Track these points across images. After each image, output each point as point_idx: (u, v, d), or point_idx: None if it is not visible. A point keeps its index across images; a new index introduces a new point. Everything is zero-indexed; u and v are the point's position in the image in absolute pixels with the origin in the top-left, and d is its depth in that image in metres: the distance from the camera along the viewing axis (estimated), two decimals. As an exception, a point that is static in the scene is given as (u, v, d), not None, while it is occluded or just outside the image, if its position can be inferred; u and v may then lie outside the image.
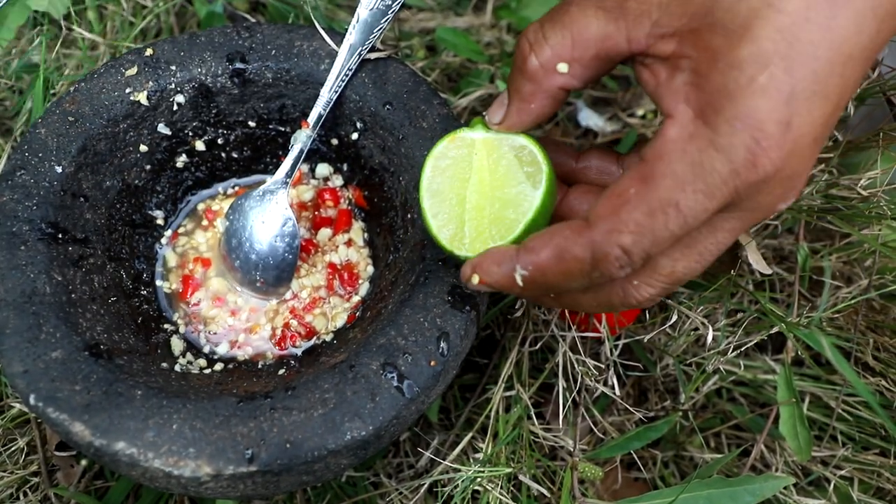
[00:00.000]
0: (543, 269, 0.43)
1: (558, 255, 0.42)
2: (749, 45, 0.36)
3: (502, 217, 0.47)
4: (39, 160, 0.57)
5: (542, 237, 0.43)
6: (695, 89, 0.38)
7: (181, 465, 0.45)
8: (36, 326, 0.50)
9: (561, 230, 0.42)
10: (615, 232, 0.40)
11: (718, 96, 0.37)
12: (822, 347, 0.60)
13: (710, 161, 0.37)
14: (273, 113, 0.65)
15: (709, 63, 0.37)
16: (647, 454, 0.71)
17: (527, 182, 0.47)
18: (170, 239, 0.66)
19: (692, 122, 0.38)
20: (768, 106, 0.36)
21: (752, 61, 0.36)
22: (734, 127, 0.36)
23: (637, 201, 0.39)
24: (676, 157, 0.38)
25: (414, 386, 0.49)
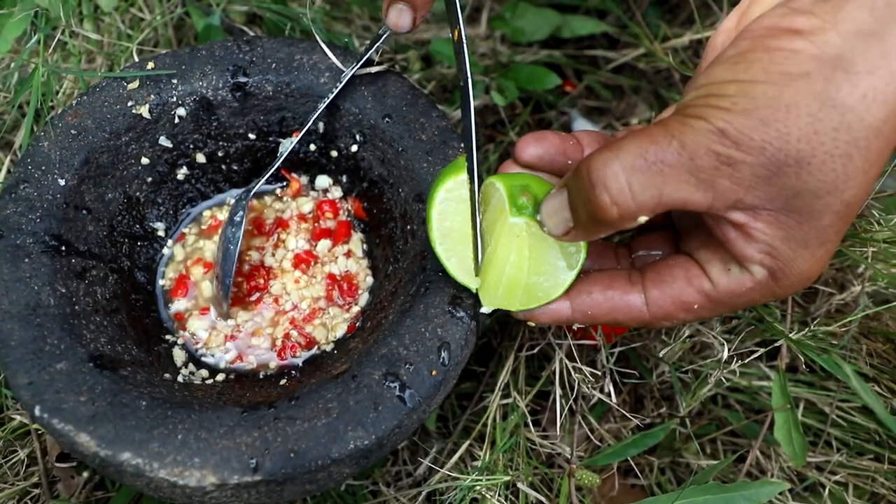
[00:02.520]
0: (598, 324, 0.53)
1: (615, 321, 0.51)
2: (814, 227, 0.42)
3: (536, 284, 0.51)
4: (42, 173, 0.57)
5: (595, 302, 0.51)
6: (769, 257, 0.44)
7: (186, 475, 0.46)
8: (40, 338, 0.51)
9: (616, 298, 0.50)
10: (673, 318, 0.49)
11: (788, 265, 0.44)
12: (843, 372, 0.62)
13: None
14: (273, 125, 0.66)
15: (782, 240, 0.43)
16: (643, 461, 0.72)
17: (563, 260, 0.51)
18: (176, 239, 0.67)
19: (766, 280, 0.45)
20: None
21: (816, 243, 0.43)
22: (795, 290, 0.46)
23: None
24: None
25: (416, 395, 0.50)
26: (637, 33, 0.88)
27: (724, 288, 0.47)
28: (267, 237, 0.67)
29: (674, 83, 0.91)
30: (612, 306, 0.50)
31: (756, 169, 0.40)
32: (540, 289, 0.51)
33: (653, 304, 0.49)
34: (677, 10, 0.96)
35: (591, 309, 0.50)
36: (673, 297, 0.48)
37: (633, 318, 0.50)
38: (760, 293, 0.46)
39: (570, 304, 0.51)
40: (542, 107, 0.90)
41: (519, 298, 0.51)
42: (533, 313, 0.51)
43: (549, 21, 0.88)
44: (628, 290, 0.50)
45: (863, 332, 0.72)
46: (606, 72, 0.91)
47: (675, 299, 0.48)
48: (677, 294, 0.48)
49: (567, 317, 0.51)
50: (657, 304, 0.49)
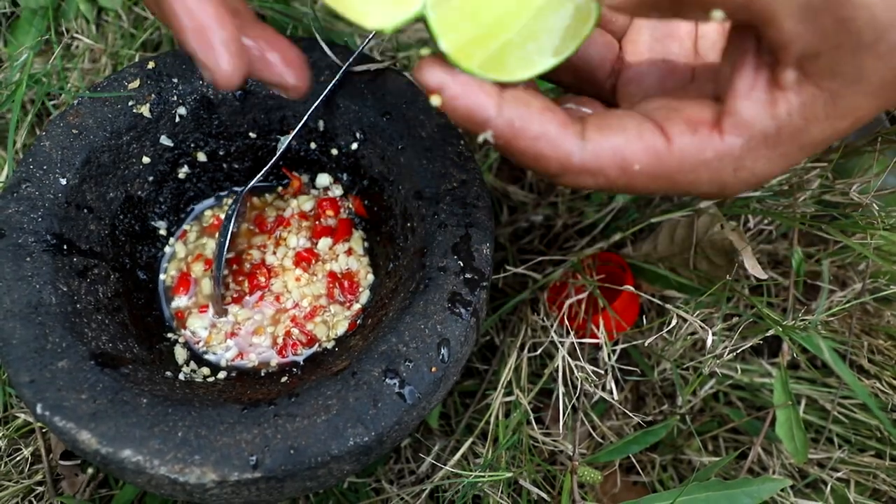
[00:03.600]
0: (516, 151, 0.40)
1: (536, 154, 0.40)
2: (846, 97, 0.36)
3: (516, 46, 0.39)
4: (44, 172, 0.58)
5: (530, 117, 0.39)
6: (767, 120, 0.38)
7: (186, 472, 0.46)
8: (42, 336, 0.51)
9: (552, 125, 0.39)
10: (602, 176, 0.40)
11: (775, 145, 0.38)
12: (821, 351, 0.61)
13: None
14: (274, 124, 0.66)
15: (802, 105, 0.37)
16: (645, 458, 0.72)
17: (559, 37, 0.39)
18: (178, 237, 0.67)
19: (734, 153, 0.39)
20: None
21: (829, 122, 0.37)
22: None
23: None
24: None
25: (415, 392, 0.50)
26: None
27: (679, 148, 0.39)
28: (268, 235, 0.67)
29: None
30: (544, 132, 0.39)
31: None
32: (517, 56, 0.39)
33: (589, 150, 0.39)
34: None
35: (520, 121, 0.39)
36: (615, 148, 0.39)
37: (559, 158, 0.40)
38: (715, 169, 0.39)
39: (497, 103, 0.39)
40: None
41: (486, 54, 0.38)
42: (450, 85, 0.38)
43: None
44: (567, 124, 0.40)
45: (864, 329, 0.72)
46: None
47: (617, 151, 0.39)
48: (621, 146, 0.39)
49: (486, 117, 0.39)
50: (594, 151, 0.39)
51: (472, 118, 0.39)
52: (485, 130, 0.39)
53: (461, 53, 0.38)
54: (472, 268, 0.55)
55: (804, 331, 0.63)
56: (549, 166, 0.40)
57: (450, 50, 0.37)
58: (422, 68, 0.38)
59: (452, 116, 0.39)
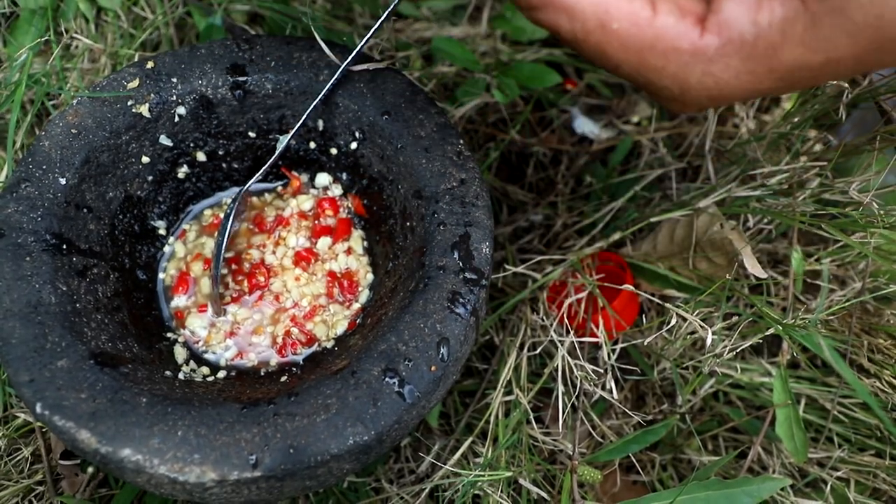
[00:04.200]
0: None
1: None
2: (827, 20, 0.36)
3: None
4: (43, 172, 0.58)
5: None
6: (749, 28, 0.38)
7: (186, 471, 0.46)
8: (42, 336, 0.51)
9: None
10: (579, 22, 0.40)
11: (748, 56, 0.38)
12: (822, 350, 0.61)
13: None
14: (273, 123, 0.66)
15: (784, 18, 0.37)
16: (645, 457, 0.72)
17: None
18: (177, 236, 0.67)
19: (708, 53, 0.39)
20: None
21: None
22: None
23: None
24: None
25: (415, 391, 0.50)
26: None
27: (661, 25, 0.39)
28: (267, 235, 0.67)
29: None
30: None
31: None
32: None
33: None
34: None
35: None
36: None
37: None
38: (684, 63, 0.39)
39: None
40: (543, 105, 0.90)
41: None
42: None
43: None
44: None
45: (864, 328, 0.72)
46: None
47: (601, 2, 0.39)
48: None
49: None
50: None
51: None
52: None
53: None
54: (471, 267, 0.55)
55: (804, 330, 0.63)
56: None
57: None
58: None
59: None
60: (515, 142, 0.86)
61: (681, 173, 0.84)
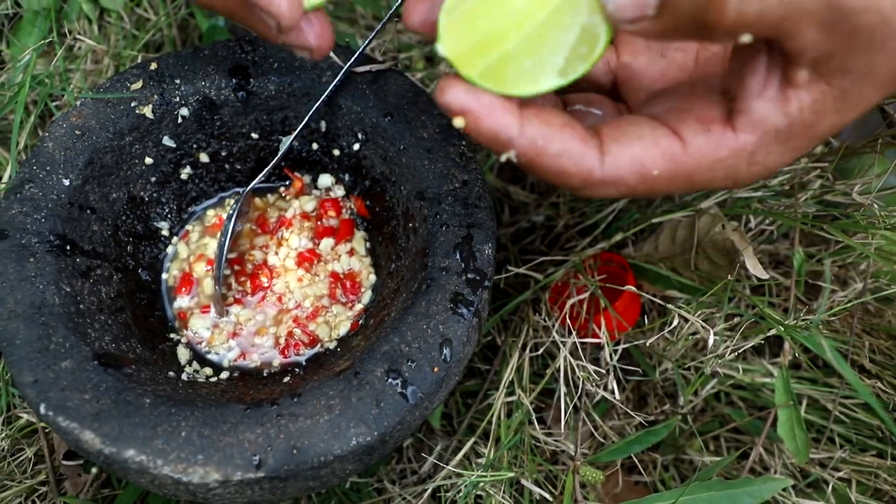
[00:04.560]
0: (539, 168, 0.41)
1: (559, 171, 0.40)
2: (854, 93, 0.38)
3: (518, 58, 0.38)
4: (47, 173, 0.58)
5: (552, 135, 0.40)
6: (779, 116, 0.39)
7: (190, 472, 0.46)
8: (45, 337, 0.51)
9: (573, 141, 0.40)
10: (623, 185, 0.41)
11: (789, 137, 0.39)
12: (823, 350, 0.61)
13: None
14: (276, 125, 0.66)
15: (814, 101, 0.38)
16: (647, 458, 0.72)
17: (564, 55, 0.38)
18: (181, 237, 0.67)
19: (747, 149, 0.40)
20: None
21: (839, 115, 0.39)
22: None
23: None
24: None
25: (418, 392, 0.50)
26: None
27: (695, 150, 0.40)
28: (270, 236, 0.67)
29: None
30: (565, 148, 0.40)
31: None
32: (516, 69, 0.38)
33: (609, 163, 0.40)
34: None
35: (542, 140, 0.39)
36: (633, 158, 0.40)
37: (581, 174, 0.40)
38: (729, 166, 0.40)
39: (519, 123, 0.39)
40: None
41: (485, 63, 0.38)
42: (474, 106, 0.38)
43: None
44: (586, 139, 0.40)
45: (865, 329, 0.73)
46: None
47: (635, 160, 0.40)
48: (639, 155, 0.40)
49: (509, 137, 0.39)
50: (613, 164, 0.40)
51: (496, 139, 0.39)
52: (508, 150, 0.40)
53: (461, 60, 0.38)
54: (473, 268, 0.55)
55: (806, 330, 0.63)
56: (572, 181, 0.41)
57: (448, 54, 0.38)
58: (444, 90, 0.38)
59: (476, 137, 0.40)
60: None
61: (682, 174, 0.84)
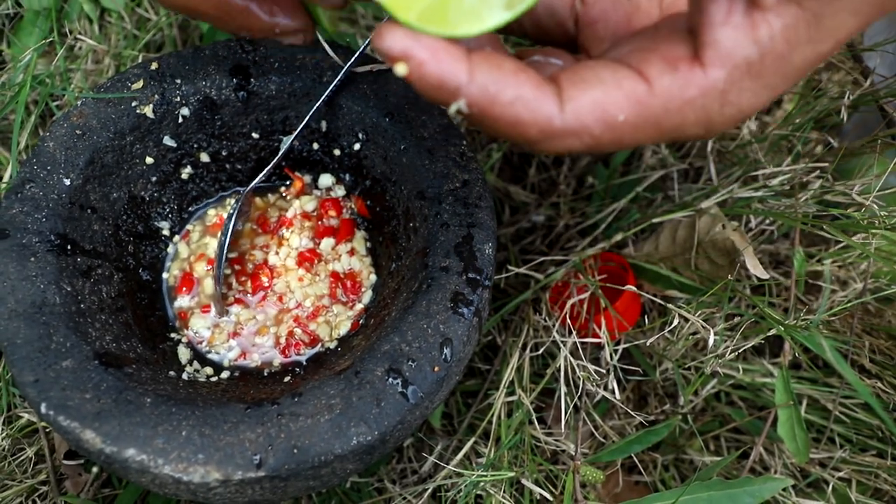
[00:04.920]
0: (491, 119, 0.37)
1: (513, 120, 0.36)
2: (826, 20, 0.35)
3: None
4: (48, 173, 0.58)
5: (504, 80, 0.36)
6: (751, 47, 0.36)
7: (190, 471, 0.46)
8: (46, 336, 0.51)
9: (527, 87, 0.36)
10: (587, 134, 0.37)
11: (760, 72, 0.37)
12: (823, 350, 0.61)
13: None
14: (277, 124, 0.66)
15: (784, 28, 0.35)
16: (647, 457, 0.72)
17: None
18: (182, 237, 0.67)
19: (718, 86, 0.37)
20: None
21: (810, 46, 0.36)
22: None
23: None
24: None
25: (418, 391, 0.50)
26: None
27: (662, 89, 0.36)
28: (271, 236, 0.67)
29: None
30: (519, 95, 0.36)
31: None
32: (458, 7, 0.34)
33: (569, 109, 0.36)
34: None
35: (494, 86, 0.35)
36: (595, 102, 0.36)
37: (538, 123, 0.36)
38: (700, 107, 0.37)
39: (467, 68, 0.35)
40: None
41: (422, 4, 0.34)
42: (416, 51, 0.34)
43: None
44: (542, 85, 0.37)
45: (865, 329, 0.73)
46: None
47: (598, 105, 0.36)
48: (600, 99, 0.36)
49: (457, 84, 0.35)
50: (574, 110, 0.36)
51: (442, 86, 0.35)
52: (456, 99, 0.35)
53: (397, 4, 0.34)
54: (474, 268, 0.55)
55: (806, 330, 0.63)
56: (529, 132, 0.37)
57: (385, 5, 0.33)
58: (381, 34, 0.34)
59: (420, 86, 0.35)
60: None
61: (683, 174, 0.85)
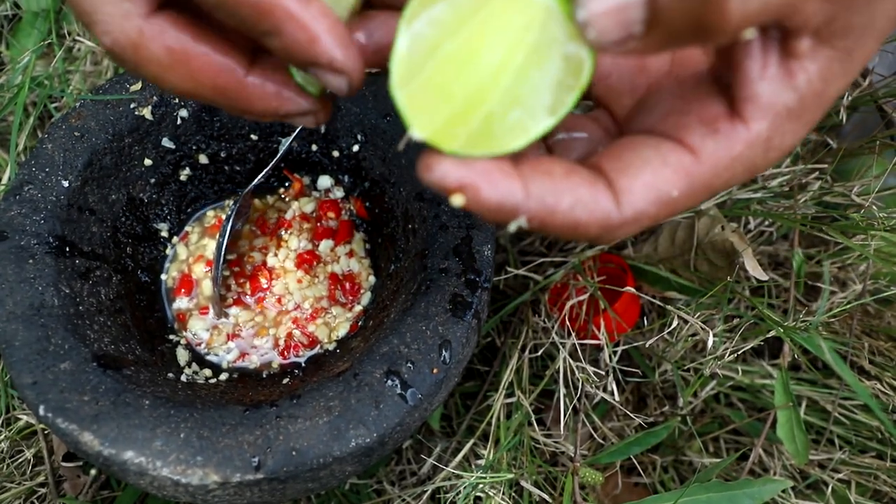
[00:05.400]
0: (551, 227, 0.35)
1: (574, 224, 0.35)
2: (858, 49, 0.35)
3: (503, 114, 0.33)
4: (46, 175, 0.58)
5: (558, 187, 0.34)
6: (789, 93, 0.35)
7: (189, 474, 0.46)
8: (44, 338, 0.51)
9: (582, 188, 0.35)
10: (646, 218, 0.35)
11: (802, 110, 0.36)
12: (822, 351, 0.61)
13: None
14: (275, 126, 0.66)
15: (821, 68, 0.35)
16: (646, 459, 0.72)
17: (551, 93, 0.33)
18: (180, 238, 0.67)
19: (762, 135, 0.36)
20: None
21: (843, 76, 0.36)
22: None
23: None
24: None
25: (417, 393, 0.50)
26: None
27: (709, 156, 0.35)
28: (269, 237, 0.67)
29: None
30: (577, 199, 0.34)
31: None
32: (503, 125, 0.33)
33: (625, 202, 0.35)
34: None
35: (552, 197, 0.34)
36: (647, 186, 0.35)
37: (598, 220, 0.35)
38: (746, 158, 0.36)
39: (522, 184, 0.33)
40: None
41: (468, 130, 0.32)
42: (470, 178, 0.32)
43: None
44: (594, 182, 0.35)
45: (864, 331, 0.72)
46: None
47: (650, 189, 0.35)
48: (651, 181, 0.35)
49: (515, 204, 0.33)
50: (630, 202, 0.35)
51: (501, 209, 0.33)
52: (516, 218, 0.34)
53: (440, 136, 0.32)
54: (473, 269, 0.55)
55: (805, 332, 0.63)
56: (589, 232, 0.35)
57: (426, 135, 0.32)
58: (430, 166, 0.32)
59: (478, 212, 0.33)
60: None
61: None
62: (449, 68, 0.32)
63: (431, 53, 0.32)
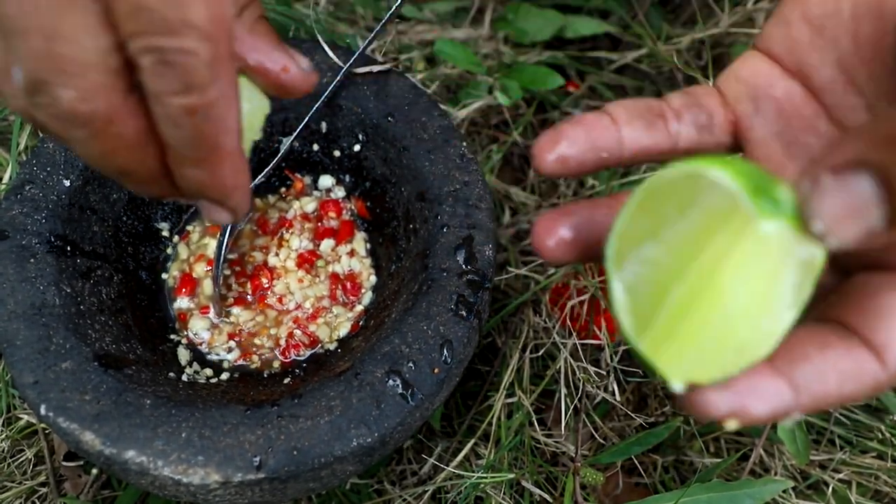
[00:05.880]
0: (826, 407, 0.34)
1: (846, 399, 0.33)
2: None
3: (732, 332, 0.31)
4: (48, 174, 0.58)
5: (823, 371, 0.32)
6: None
7: (190, 473, 0.46)
8: (46, 338, 0.51)
9: (844, 364, 0.33)
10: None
11: None
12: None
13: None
14: (276, 126, 0.66)
15: None
16: (647, 459, 0.72)
17: (790, 292, 0.31)
18: (181, 238, 0.67)
19: None
20: None
21: None
22: None
23: None
24: None
25: (418, 393, 0.50)
26: (640, 34, 0.88)
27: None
28: (270, 237, 0.67)
29: (676, 83, 0.91)
30: (842, 375, 0.32)
31: None
32: (748, 342, 0.31)
33: (889, 357, 0.32)
34: (679, 11, 0.97)
35: (817, 384, 0.32)
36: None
37: (869, 387, 0.32)
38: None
39: (787, 381, 0.32)
40: (546, 107, 0.90)
41: (720, 362, 0.31)
42: (740, 402, 0.31)
43: (552, 22, 0.88)
44: (848, 345, 0.32)
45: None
46: (609, 72, 0.91)
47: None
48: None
49: (787, 406, 0.31)
50: (895, 355, 0.32)
51: (776, 416, 0.32)
52: (791, 416, 0.32)
53: (699, 375, 0.31)
54: (474, 269, 0.55)
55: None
56: (860, 398, 0.33)
57: (686, 381, 0.31)
58: (696, 405, 0.31)
59: (753, 424, 0.32)
60: (518, 144, 0.86)
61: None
62: (689, 315, 0.31)
63: (659, 299, 0.31)
